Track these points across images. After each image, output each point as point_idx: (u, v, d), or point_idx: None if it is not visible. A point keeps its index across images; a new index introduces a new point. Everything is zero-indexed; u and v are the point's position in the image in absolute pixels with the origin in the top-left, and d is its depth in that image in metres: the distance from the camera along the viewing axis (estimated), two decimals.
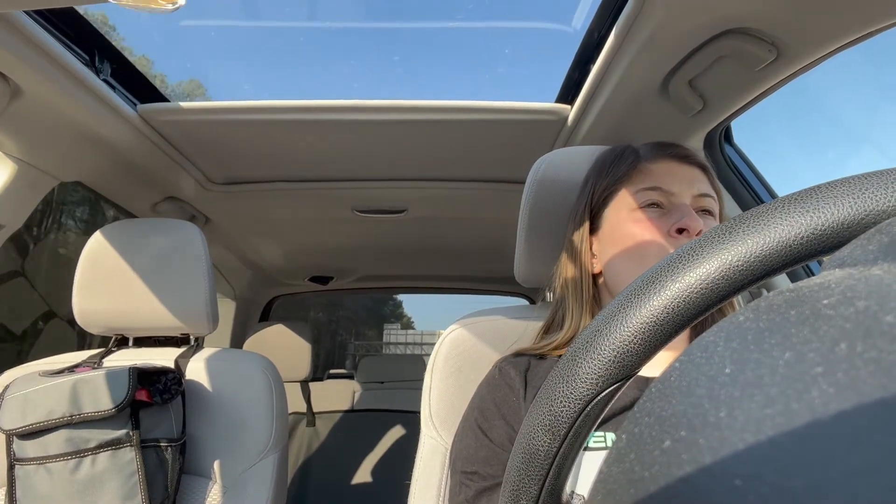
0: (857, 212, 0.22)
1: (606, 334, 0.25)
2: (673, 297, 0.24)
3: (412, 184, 1.55)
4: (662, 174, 0.74)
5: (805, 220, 0.23)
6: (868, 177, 0.23)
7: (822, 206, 0.23)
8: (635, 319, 0.24)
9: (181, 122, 1.21)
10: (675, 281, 0.24)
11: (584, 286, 0.77)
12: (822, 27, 0.75)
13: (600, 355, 0.25)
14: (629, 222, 0.73)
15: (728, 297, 0.24)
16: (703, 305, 0.24)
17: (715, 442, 0.14)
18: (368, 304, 14.74)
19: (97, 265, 1.11)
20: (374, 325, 17.05)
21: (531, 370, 0.75)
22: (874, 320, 0.14)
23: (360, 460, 2.43)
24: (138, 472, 0.93)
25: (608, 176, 0.78)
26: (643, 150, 0.79)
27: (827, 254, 0.23)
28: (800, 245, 0.23)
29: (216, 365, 1.11)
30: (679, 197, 0.73)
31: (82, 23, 1.00)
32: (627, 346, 0.24)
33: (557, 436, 0.26)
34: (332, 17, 1.49)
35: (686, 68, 0.91)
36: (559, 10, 1.23)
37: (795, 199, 0.23)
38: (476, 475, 0.70)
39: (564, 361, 0.26)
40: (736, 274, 0.23)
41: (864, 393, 0.12)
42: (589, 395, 0.25)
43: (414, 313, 20.41)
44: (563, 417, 0.26)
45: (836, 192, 0.23)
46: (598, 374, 0.25)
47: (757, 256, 0.23)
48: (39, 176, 1.14)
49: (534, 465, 0.27)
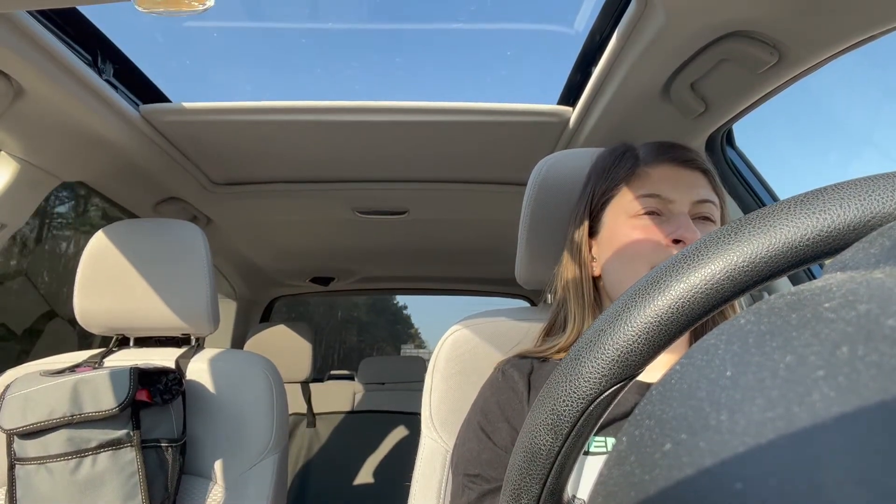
0: (863, 214, 0.22)
1: (610, 333, 0.25)
2: (677, 298, 0.24)
3: (413, 185, 1.55)
4: (662, 180, 0.73)
5: (811, 221, 0.23)
6: (874, 179, 0.22)
7: (828, 207, 0.22)
8: (640, 319, 0.24)
9: (183, 122, 1.22)
10: (680, 281, 0.24)
11: (585, 289, 0.77)
12: (823, 31, 0.75)
13: (604, 354, 0.25)
14: (627, 228, 0.73)
15: (733, 298, 0.24)
16: (708, 306, 0.24)
17: (716, 445, 0.14)
18: (381, 324, 14.78)
19: (98, 265, 1.11)
20: (391, 342, 17.02)
21: (534, 373, 0.75)
22: (876, 324, 0.14)
23: (360, 461, 2.42)
24: (139, 472, 0.93)
25: (607, 179, 0.77)
26: (643, 151, 0.78)
27: (832, 256, 0.23)
28: (805, 247, 0.22)
29: (217, 365, 1.11)
30: (678, 205, 0.72)
31: (85, 23, 1.01)
32: (631, 346, 0.24)
33: (560, 435, 0.26)
34: (335, 19, 1.49)
35: (688, 71, 0.91)
36: (561, 12, 1.23)
37: (801, 201, 0.23)
38: (479, 478, 0.69)
39: (568, 360, 0.26)
40: (741, 275, 0.23)
41: (865, 396, 0.12)
42: (592, 395, 0.25)
43: (427, 334, 20.34)
44: (566, 416, 0.26)
45: (843, 195, 0.22)
46: (602, 374, 0.25)
47: (762, 258, 0.23)
48: (41, 175, 1.15)
49: (535, 464, 0.27)
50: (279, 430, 1.07)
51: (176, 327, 1.14)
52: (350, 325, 12.69)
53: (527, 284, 0.93)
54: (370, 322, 11.61)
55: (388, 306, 15.23)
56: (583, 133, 1.19)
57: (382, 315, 15.08)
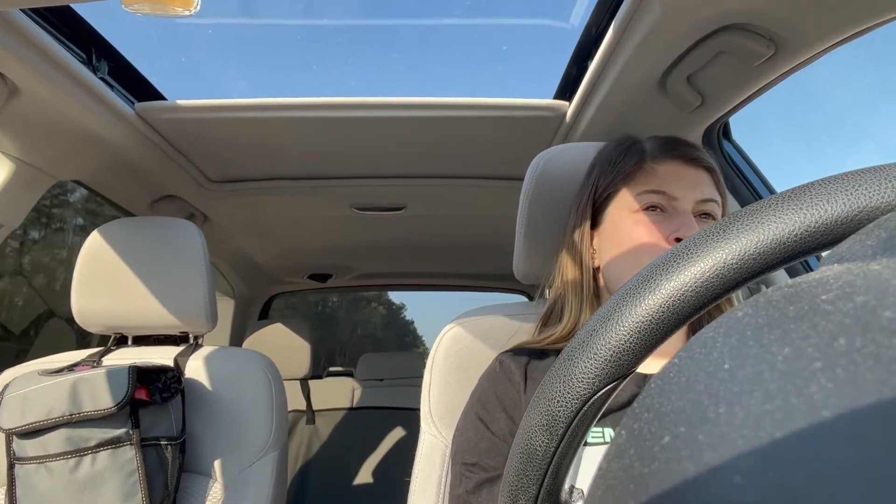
0: (850, 208, 0.22)
1: (602, 333, 0.25)
2: (668, 296, 0.24)
3: (411, 181, 1.55)
4: (667, 177, 0.73)
5: (799, 217, 0.23)
6: (862, 173, 0.23)
7: (816, 203, 0.23)
8: (631, 318, 0.25)
9: (179, 120, 1.21)
10: (670, 280, 0.24)
11: (584, 280, 0.77)
12: (820, 22, 0.75)
13: (596, 354, 0.25)
14: (630, 224, 0.73)
15: (723, 296, 0.24)
16: (698, 304, 0.24)
17: (714, 438, 0.14)
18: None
19: (96, 264, 1.11)
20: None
21: (531, 364, 0.75)
22: (873, 315, 0.14)
23: (359, 458, 2.43)
24: (138, 470, 0.93)
25: (612, 172, 0.77)
26: (650, 146, 0.77)
27: (821, 251, 0.23)
28: (794, 242, 0.23)
29: (215, 363, 1.11)
30: (682, 202, 0.72)
31: (79, 21, 1.00)
32: (623, 345, 0.25)
33: (555, 435, 0.27)
34: (330, 15, 1.48)
35: (684, 64, 0.91)
36: (557, 6, 1.23)
37: (789, 197, 0.23)
38: (477, 466, 0.70)
39: (561, 361, 0.27)
40: (730, 272, 0.23)
41: (863, 388, 0.12)
42: (585, 395, 0.25)
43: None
44: (561, 417, 0.26)
45: (830, 189, 0.23)
46: (595, 374, 0.25)
47: (751, 254, 0.23)
48: (37, 175, 1.14)
49: (532, 465, 0.27)
50: (279, 427, 1.07)
51: (174, 325, 1.14)
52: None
53: (525, 279, 0.93)
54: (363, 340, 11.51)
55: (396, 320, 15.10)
56: (580, 127, 1.19)
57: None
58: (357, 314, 13.11)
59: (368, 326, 13.98)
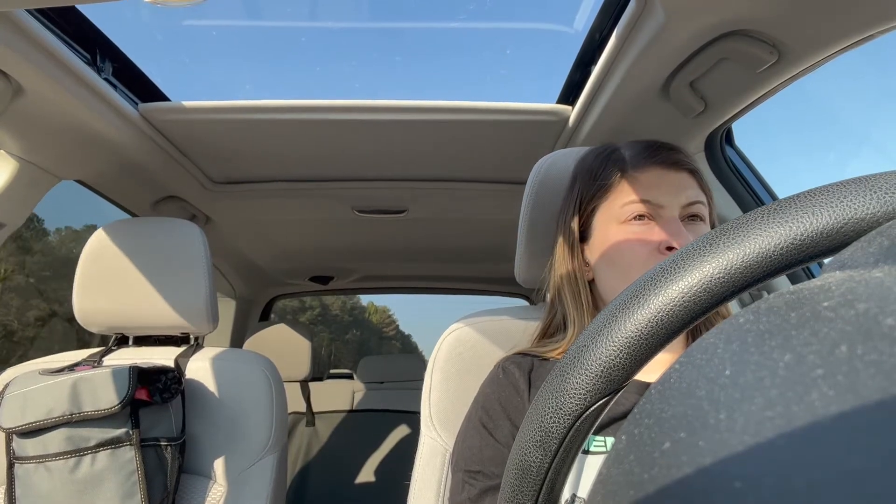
0: (835, 220, 0.22)
1: (593, 349, 0.25)
2: (657, 311, 0.24)
3: (413, 184, 1.55)
4: (651, 185, 0.72)
5: (783, 230, 0.23)
6: (846, 185, 0.23)
7: (800, 216, 0.23)
8: (620, 334, 0.25)
9: (182, 121, 1.21)
10: (658, 295, 0.24)
11: (581, 292, 0.77)
12: (823, 29, 0.75)
13: (587, 370, 0.25)
14: (619, 236, 0.72)
15: (711, 309, 0.24)
16: (687, 318, 0.24)
17: (715, 444, 0.14)
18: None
19: (98, 264, 1.11)
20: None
21: (535, 371, 0.75)
22: (874, 323, 0.14)
23: (359, 460, 2.42)
24: (138, 471, 0.93)
25: (594, 185, 0.76)
26: (630, 154, 0.76)
27: (807, 263, 0.23)
28: (780, 255, 0.23)
29: (216, 364, 1.11)
30: (668, 209, 0.71)
31: (84, 21, 1.01)
32: (613, 361, 0.25)
33: (549, 451, 0.27)
34: (334, 18, 1.49)
35: (687, 70, 0.91)
36: (561, 11, 1.23)
37: (774, 210, 0.24)
38: (480, 474, 0.70)
39: (553, 377, 0.27)
40: (717, 286, 0.24)
41: (864, 395, 0.12)
42: (578, 410, 0.26)
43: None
44: (554, 433, 0.26)
45: (815, 202, 0.23)
46: (587, 389, 0.25)
47: (737, 268, 0.23)
48: (40, 174, 1.15)
49: (527, 481, 0.28)
50: (278, 429, 1.07)
51: (175, 326, 1.14)
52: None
53: (526, 283, 0.93)
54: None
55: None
56: (582, 132, 1.19)
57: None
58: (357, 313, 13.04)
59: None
